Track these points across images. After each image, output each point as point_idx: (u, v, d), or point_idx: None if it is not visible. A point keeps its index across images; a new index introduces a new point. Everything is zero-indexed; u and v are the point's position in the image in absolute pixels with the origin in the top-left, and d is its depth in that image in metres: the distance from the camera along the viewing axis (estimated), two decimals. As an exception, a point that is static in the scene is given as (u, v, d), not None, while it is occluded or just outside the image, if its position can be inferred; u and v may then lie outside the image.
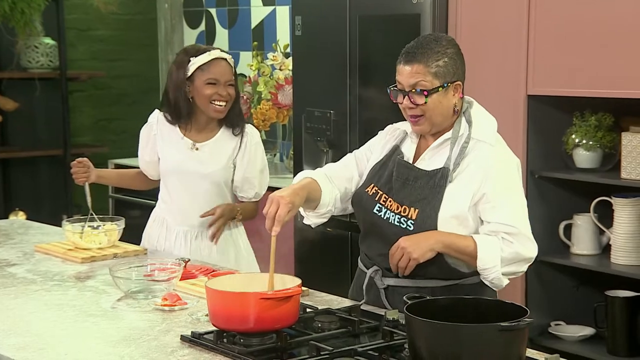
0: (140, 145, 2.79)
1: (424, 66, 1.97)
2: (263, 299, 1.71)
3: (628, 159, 2.73)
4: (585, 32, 2.74)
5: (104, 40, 4.99)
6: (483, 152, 1.99)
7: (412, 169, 2.03)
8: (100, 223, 2.71)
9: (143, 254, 2.64)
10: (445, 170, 1.98)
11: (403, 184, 2.02)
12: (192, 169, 2.68)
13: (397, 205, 2.01)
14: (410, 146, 2.09)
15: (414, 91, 1.98)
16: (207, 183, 2.68)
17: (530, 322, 1.51)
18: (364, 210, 2.06)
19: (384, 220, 2.02)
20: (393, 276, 2.02)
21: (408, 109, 2.00)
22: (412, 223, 1.97)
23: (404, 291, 1.96)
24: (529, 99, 2.91)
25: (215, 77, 2.62)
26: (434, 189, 1.98)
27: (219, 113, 2.65)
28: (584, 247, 2.94)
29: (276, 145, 4.45)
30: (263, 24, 4.60)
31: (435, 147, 2.03)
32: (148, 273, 2.20)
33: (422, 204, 1.98)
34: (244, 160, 2.69)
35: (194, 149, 2.67)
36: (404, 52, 2.01)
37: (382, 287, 2.03)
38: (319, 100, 3.48)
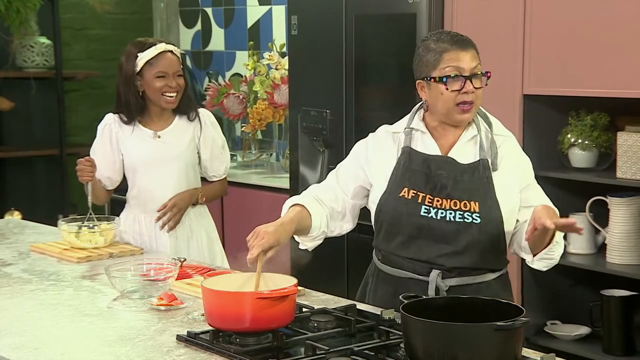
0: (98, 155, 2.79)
1: (476, 51, 2.03)
2: (259, 299, 1.71)
3: (623, 159, 2.74)
4: (581, 32, 2.75)
5: (99, 40, 4.98)
6: (510, 145, 2.07)
7: (456, 165, 2.03)
8: (96, 223, 2.71)
9: (139, 253, 2.64)
10: (485, 162, 2.02)
11: (455, 180, 2.01)
12: (159, 155, 2.76)
13: (455, 202, 1.99)
14: (428, 143, 2.06)
15: (478, 74, 2.01)
16: (176, 167, 2.76)
17: (526, 321, 1.52)
18: (407, 216, 2.02)
19: (438, 220, 1.99)
20: (454, 276, 2.02)
21: (466, 94, 2.00)
22: (477, 216, 1.99)
23: (464, 290, 1.99)
24: (525, 98, 2.91)
25: (163, 70, 2.71)
26: (481, 180, 2.01)
27: (170, 104, 2.74)
28: (580, 247, 2.95)
29: (272, 144, 4.45)
30: (259, 24, 4.59)
31: (467, 141, 2.05)
32: (144, 273, 2.20)
33: (479, 195, 1.99)
34: (207, 141, 2.80)
35: (156, 137, 2.76)
36: (453, 40, 2.00)
37: (444, 289, 2.01)
38: (315, 99, 3.48)
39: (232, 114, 4.26)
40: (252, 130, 4.20)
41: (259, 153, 4.40)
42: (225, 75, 4.76)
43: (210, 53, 4.90)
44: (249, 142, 4.40)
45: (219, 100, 4.26)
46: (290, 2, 3.59)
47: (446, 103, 2.01)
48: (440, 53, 1.99)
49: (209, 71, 4.80)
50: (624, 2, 2.64)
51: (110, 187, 2.85)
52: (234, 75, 4.63)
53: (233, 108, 4.24)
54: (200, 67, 4.95)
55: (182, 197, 2.77)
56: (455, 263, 2.00)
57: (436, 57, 1.99)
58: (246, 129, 4.20)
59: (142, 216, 2.80)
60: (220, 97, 4.27)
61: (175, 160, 2.76)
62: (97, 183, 2.80)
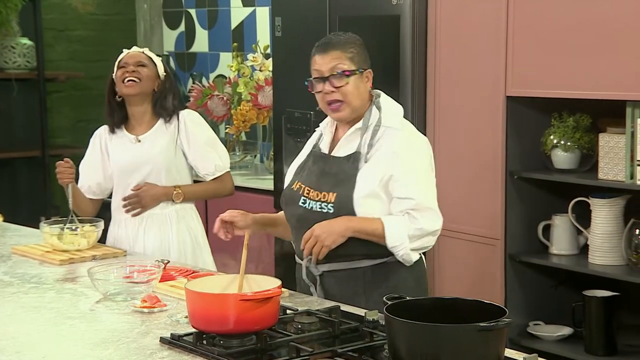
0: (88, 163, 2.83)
1: (340, 52, 2.12)
2: (243, 301, 1.71)
3: (605, 160, 2.76)
4: (564, 34, 2.77)
5: (82, 41, 4.95)
6: (390, 136, 2.13)
7: (327, 159, 2.17)
8: (78, 225, 2.69)
9: (122, 255, 2.63)
10: (357, 155, 2.13)
11: (321, 173, 2.15)
12: (137, 158, 2.78)
13: (317, 193, 2.13)
14: (326, 140, 2.21)
15: (335, 74, 2.10)
16: (154, 170, 2.77)
17: (509, 322, 1.52)
18: (292, 206, 2.18)
19: (308, 210, 2.14)
20: (324, 262, 2.12)
21: (328, 94, 2.11)
22: (331, 206, 2.10)
23: (339, 275, 2.11)
24: (508, 100, 2.93)
25: (124, 60, 2.79)
26: (347, 172, 2.12)
27: (129, 89, 2.76)
28: (562, 247, 2.96)
29: (256, 146, 4.44)
30: (243, 25, 4.59)
31: (348, 136, 2.16)
32: (127, 275, 2.19)
33: (339, 187, 2.11)
34: (189, 141, 2.81)
35: (137, 141, 2.79)
36: (317, 46, 2.15)
37: (317, 274, 2.13)
38: (299, 101, 3.48)
39: (216, 116, 4.26)
40: (236, 132, 4.19)
41: (243, 155, 4.39)
42: (209, 77, 4.75)
43: (194, 54, 4.88)
44: (233, 144, 4.40)
45: (203, 102, 4.25)
46: (274, 4, 3.59)
47: (320, 104, 2.17)
48: (312, 57, 2.15)
49: (192, 72, 4.79)
50: (607, 4, 2.66)
51: (100, 195, 2.85)
52: (217, 77, 4.62)
53: (217, 109, 4.23)
54: (184, 68, 4.94)
55: (149, 191, 2.76)
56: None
57: (311, 60, 2.15)
58: (230, 131, 4.20)
59: (123, 220, 2.80)
60: (204, 99, 4.26)
61: (152, 164, 2.77)
62: (81, 194, 2.81)
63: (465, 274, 3.06)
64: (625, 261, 2.78)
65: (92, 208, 2.87)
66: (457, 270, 3.06)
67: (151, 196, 2.77)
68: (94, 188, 2.83)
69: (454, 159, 3.06)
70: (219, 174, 2.84)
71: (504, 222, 2.95)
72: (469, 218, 3.04)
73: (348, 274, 2.12)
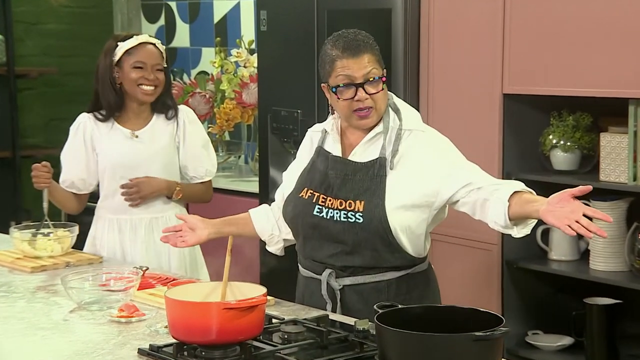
0: (70, 156, 2.78)
1: (371, 54, 2.08)
2: (226, 309, 1.71)
3: (607, 161, 2.78)
4: (563, 29, 2.78)
5: (55, 35, 4.93)
6: (417, 140, 2.11)
7: (348, 164, 2.12)
8: (52, 230, 2.68)
9: (98, 262, 2.63)
10: (383, 160, 2.08)
11: (343, 180, 2.11)
12: (137, 156, 2.74)
13: (341, 202, 2.08)
14: (334, 144, 2.17)
15: (372, 80, 2.05)
16: (153, 169, 2.75)
17: (506, 331, 1.53)
18: (302, 215, 2.13)
19: (327, 220, 2.09)
20: (347, 275, 2.09)
21: (360, 102, 2.07)
22: (360, 215, 2.06)
23: (362, 289, 2.08)
24: (505, 97, 2.94)
25: (142, 60, 2.70)
26: (374, 179, 2.08)
27: (147, 96, 2.72)
28: (562, 253, 2.98)
29: (241, 146, 4.44)
30: (226, 19, 4.59)
31: (368, 141, 2.12)
32: (103, 282, 2.19)
33: (367, 195, 2.07)
34: (185, 139, 2.79)
35: (134, 136, 2.75)
36: (343, 47, 2.07)
37: (338, 288, 2.10)
38: (285, 99, 3.49)
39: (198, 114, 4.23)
40: (220, 132, 4.19)
41: (226, 155, 4.39)
42: (190, 73, 4.75)
43: (174, 50, 4.88)
44: (216, 144, 4.38)
45: (184, 100, 4.25)
46: (259, -4, 3.59)
47: (343, 110, 2.10)
48: (333, 61, 2.08)
49: (173, 69, 4.77)
50: (607, -2, 2.68)
51: (84, 190, 2.81)
52: (199, 74, 4.62)
53: (199, 108, 4.23)
54: (164, 64, 4.93)
55: (151, 182, 2.73)
56: (346, 262, 2.09)
57: (330, 64, 2.09)
58: (213, 130, 4.20)
59: (116, 223, 2.77)
60: (186, 97, 4.26)
61: (152, 161, 2.74)
62: (62, 190, 2.77)
63: (460, 280, 3.08)
64: (628, 267, 2.80)
65: (77, 204, 2.82)
66: (452, 276, 3.07)
67: (152, 187, 2.72)
68: (77, 184, 2.79)
69: (449, 160, 3.07)
70: (207, 179, 2.84)
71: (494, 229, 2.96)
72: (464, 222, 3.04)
73: (372, 287, 2.08)
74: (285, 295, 2.23)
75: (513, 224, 1.99)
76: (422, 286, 2.14)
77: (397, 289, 2.10)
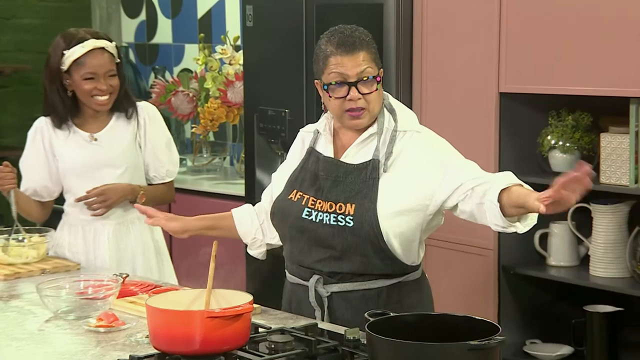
0: (30, 163, 2.77)
1: (366, 52, 2.07)
2: (210, 318, 1.71)
3: (607, 162, 2.79)
4: (563, 24, 2.80)
5: (31, 30, 4.92)
6: (412, 140, 2.11)
7: (340, 165, 2.12)
8: (26, 235, 2.67)
9: (75, 269, 2.62)
10: (376, 162, 2.08)
11: (334, 182, 2.10)
12: (96, 161, 2.74)
13: (331, 204, 2.08)
14: (326, 145, 2.17)
15: (366, 79, 2.06)
16: (116, 172, 2.74)
17: (503, 340, 1.54)
18: (290, 218, 2.13)
19: (316, 223, 2.09)
20: (336, 282, 2.09)
21: (352, 101, 2.07)
22: (351, 219, 2.05)
23: (351, 296, 2.07)
24: (501, 96, 2.95)
25: (92, 71, 2.68)
26: (367, 181, 2.08)
27: (103, 106, 2.72)
28: (561, 258, 2.99)
29: (226, 147, 4.44)
30: (210, 14, 4.59)
31: (361, 142, 2.12)
32: (81, 290, 2.18)
33: (358, 197, 2.07)
34: (146, 138, 2.78)
35: (92, 140, 2.73)
36: (338, 43, 2.06)
37: (325, 295, 2.10)
38: (272, 98, 3.49)
39: (180, 114, 4.25)
40: (204, 132, 4.19)
41: (211, 157, 4.39)
42: (173, 71, 4.74)
43: (156, 46, 4.87)
44: (199, 145, 4.39)
45: (167, 99, 4.25)
46: (245, -10, 3.59)
47: (334, 109, 2.11)
48: (327, 57, 2.08)
49: (154, 66, 4.78)
50: (607, -7, 2.70)
51: (48, 197, 2.81)
52: (182, 71, 4.62)
53: (182, 107, 4.23)
54: (145, 61, 4.93)
55: (116, 188, 2.72)
56: (334, 268, 2.09)
57: (324, 60, 2.09)
58: (197, 131, 4.19)
59: (80, 229, 2.77)
60: (168, 95, 4.25)
61: (114, 164, 2.74)
62: (26, 197, 2.76)
63: (455, 287, 3.08)
64: (629, 273, 2.81)
65: (41, 212, 2.82)
66: (446, 283, 3.08)
67: (118, 193, 2.71)
68: (40, 191, 2.78)
69: (443, 161, 3.08)
70: (168, 179, 2.84)
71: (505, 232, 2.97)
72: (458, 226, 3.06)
73: (361, 295, 2.08)
74: (272, 303, 2.23)
75: (515, 220, 1.98)
76: (414, 295, 2.14)
77: (388, 297, 2.10)
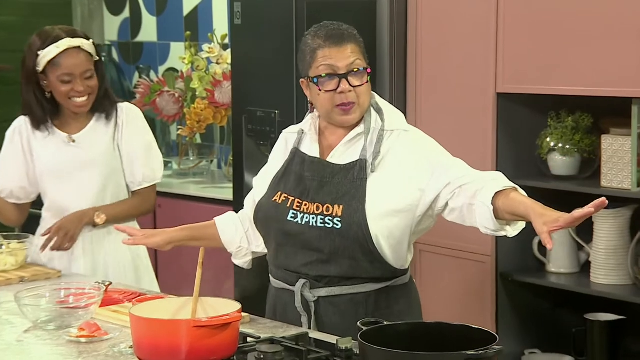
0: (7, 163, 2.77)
1: (356, 45, 2.11)
2: (196, 327, 1.71)
3: (609, 165, 2.80)
4: (562, 22, 2.81)
5: (8, 28, 4.90)
6: (400, 140, 2.13)
7: (326, 166, 2.13)
8: (3, 242, 2.66)
9: (56, 277, 2.61)
10: (363, 162, 2.10)
11: (320, 183, 2.11)
12: (73, 162, 2.73)
13: (318, 206, 2.09)
14: (311, 145, 2.18)
15: (357, 71, 2.08)
16: (94, 175, 2.74)
17: (500, 350, 1.54)
18: (275, 221, 2.13)
19: (302, 225, 2.09)
20: (323, 286, 2.10)
21: (343, 94, 2.08)
22: (339, 220, 2.06)
23: (338, 301, 2.08)
24: (499, 97, 2.96)
25: (68, 72, 2.66)
26: (354, 182, 2.09)
27: (81, 108, 2.71)
28: (561, 265, 3.00)
29: (213, 150, 4.44)
30: (197, 11, 4.59)
31: (348, 142, 2.14)
32: (61, 299, 2.18)
33: (346, 199, 2.08)
34: (123, 141, 2.77)
35: (71, 141, 2.73)
36: (325, 36, 2.10)
37: (312, 300, 2.10)
38: (262, 98, 3.49)
39: (166, 115, 4.25)
40: (190, 134, 4.19)
41: (197, 160, 4.39)
42: (158, 70, 4.74)
43: (140, 44, 4.87)
44: (186, 147, 4.39)
45: (151, 99, 4.24)
46: (233, -13, 3.60)
47: (324, 105, 2.12)
48: (315, 50, 2.10)
49: (139, 65, 4.77)
50: (608, -10, 2.71)
51: (25, 199, 2.80)
52: (168, 70, 4.62)
53: (167, 108, 4.22)
54: (129, 60, 4.92)
55: (70, 219, 2.70)
56: (321, 272, 2.10)
57: (311, 54, 2.11)
58: (183, 133, 4.19)
59: None
60: (153, 96, 4.25)
61: (92, 167, 2.73)
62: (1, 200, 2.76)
63: (451, 294, 3.09)
64: (632, 280, 2.82)
65: (18, 215, 2.82)
66: (442, 290, 3.08)
67: (74, 222, 2.68)
68: (17, 193, 2.78)
69: (439, 164, 3.08)
70: (146, 185, 2.80)
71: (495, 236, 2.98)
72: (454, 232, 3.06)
73: (349, 299, 2.09)
74: (261, 312, 2.23)
75: (505, 224, 2.00)
76: (403, 301, 2.15)
77: (376, 302, 2.11)
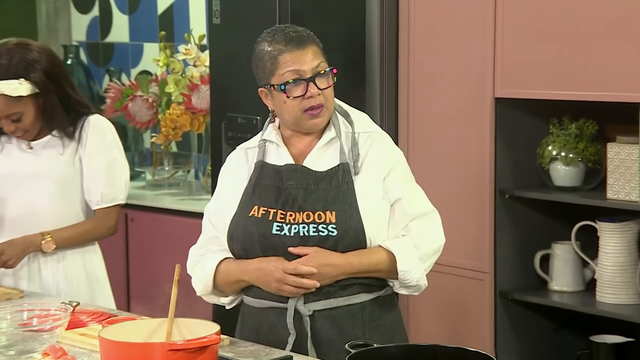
0: None
1: (316, 46, 2.17)
2: (172, 351, 1.70)
3: (615, 175, 2.81)
4: (564, 23, 2.82)
5: (-31, 27, 4.89)
6: (374, 141, 2.21)
7: (309, 173, 2.17)
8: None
9: (18, 297, 2.60)
10: (346, 166, 2.16)
11: (306, 190, 2.15)
12: (28, 170, 2.74)
13: (308, 214, 2.13)
14: (280, 154, 2.21)
15: (323, 73, 2.13)
16: (50, 185, 2.74)
17: (499, 373, 1.54)
18: (257, 236, 2.15)
19: (291, 237, 2.12)
20: (319, 298, 2.12)
21: (312, 99, 2.13)
22: (333, 227, 2.10)
23: (334, 314, 2.11)
24: (497, 102, 2.97)
25: None
26: (341, 186, 2.14)
27: (25, 139, 2.75)
28: (565, 283, 3.01)
29: (190, 159, 4.43)
30: (172, 9, 4.59)
31: (321, 147, 2.19)
32: (24, 321, 2.16)
33: (337, 204, 2.13)
34: (85, 155, 2.77)
35: (28, 147, 2.75)
36: (285, 40, 2.14)
37: (307, 314, 2.11)
38: (242, 104, 3.49)
39: (139, 122, 4.23)
40: (165, 142, 4.18)
41: (173, 170, 4.38)
42: (130, 73, 4.73)
43: (110, 45, 4.86)
44: (160, 157, 4.38)
45: (123, 104, 4.23)
46: (211, -16, 3.60)
47: (292, 112, 2.15)
48: (276, 57, 2.14)
49: (109, 68, 4.76)
50: (613, -12, 2.73)
51: None
52: (141, 74, 4.60)
53: (140, 114, 4.21)
54: (99, 63, 4.91)
55: (15, 243, 2.70)
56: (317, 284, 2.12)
57: (272, 61, 2.14)
58: (157, 140, 4.18)
59: None
60: (125, 101, 4.24)
61: (45, 177, 2.74)
62: None
63: (446, 314, 3.09)
64: (639, 300, 2.83)
65: None
66: (436, 309, 3.09)
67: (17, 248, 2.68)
68: None
69: (432, 173, 3.09)
70: (104, 205, 2.78)
71: (494, 252, 2.99)
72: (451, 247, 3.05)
73: (346, 311, 2.13)
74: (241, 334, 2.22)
75: None
76: (391, 311, 2.21)
77: (371, 313, 2.15)
